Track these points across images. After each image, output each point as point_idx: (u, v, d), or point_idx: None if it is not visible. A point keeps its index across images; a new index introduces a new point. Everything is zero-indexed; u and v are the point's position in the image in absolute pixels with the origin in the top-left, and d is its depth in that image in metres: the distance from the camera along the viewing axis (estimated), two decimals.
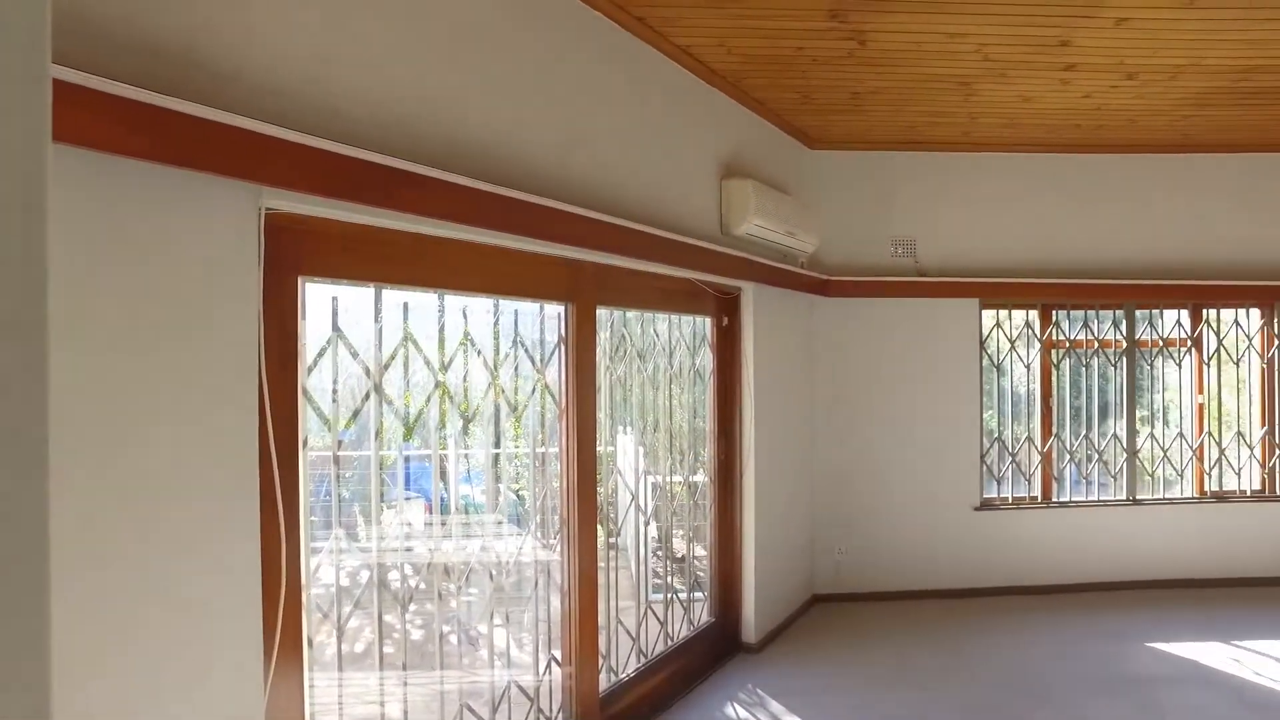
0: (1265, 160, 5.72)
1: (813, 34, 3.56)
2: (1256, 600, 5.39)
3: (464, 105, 2.57)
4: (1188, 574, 5.66)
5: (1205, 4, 3.33)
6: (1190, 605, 5.27)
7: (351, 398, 2.56)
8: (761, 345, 4.60)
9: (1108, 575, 5.60)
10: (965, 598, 5.45)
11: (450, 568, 3.20)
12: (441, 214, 2.34)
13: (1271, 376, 5.83)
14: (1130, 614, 5.10)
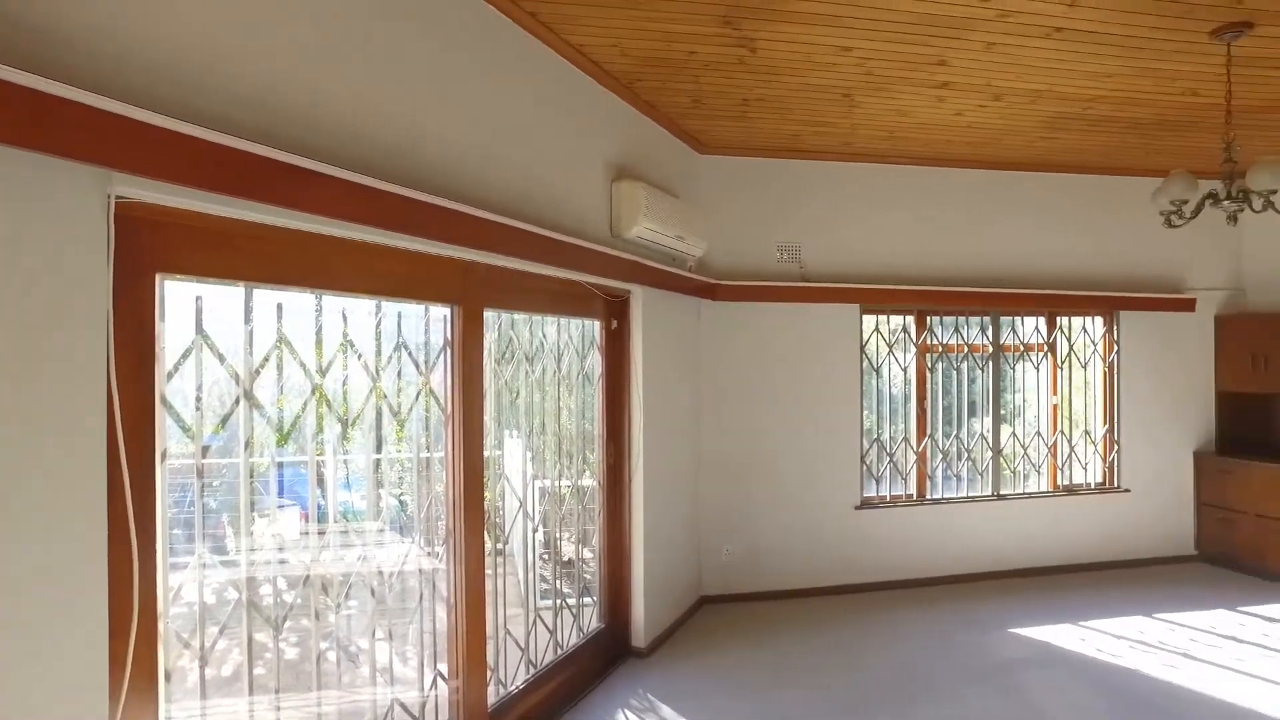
0: (1108, 182, 6.23)
1: (706, 39, 3.58)
2: (1099, 583, 5.85)
3: (348, 97, 2.42)
4: (1043, 562, 6.09)
5: (1062, 37, 3.57)
6: (1045, 591, 5.66)
7: (220, 404, 2.36)
8: (650, 348, 4.60)
9: (975, 566, 5.95)
10: (848, 594, 5.65)
11: (328, 580, 3.03)
12: (321, 210, 2.19)
13: (1112, 379, 6.35)
14: (995, 602, 5.42)
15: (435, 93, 2.82)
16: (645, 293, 4.50)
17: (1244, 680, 4.14)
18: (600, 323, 4.39)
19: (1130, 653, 4.51)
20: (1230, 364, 6.35)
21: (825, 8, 3.26)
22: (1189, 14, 3.37)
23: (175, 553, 2.33)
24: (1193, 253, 6.39)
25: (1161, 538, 6.38)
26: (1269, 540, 5.85)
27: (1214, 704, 3.87)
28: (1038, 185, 6.11)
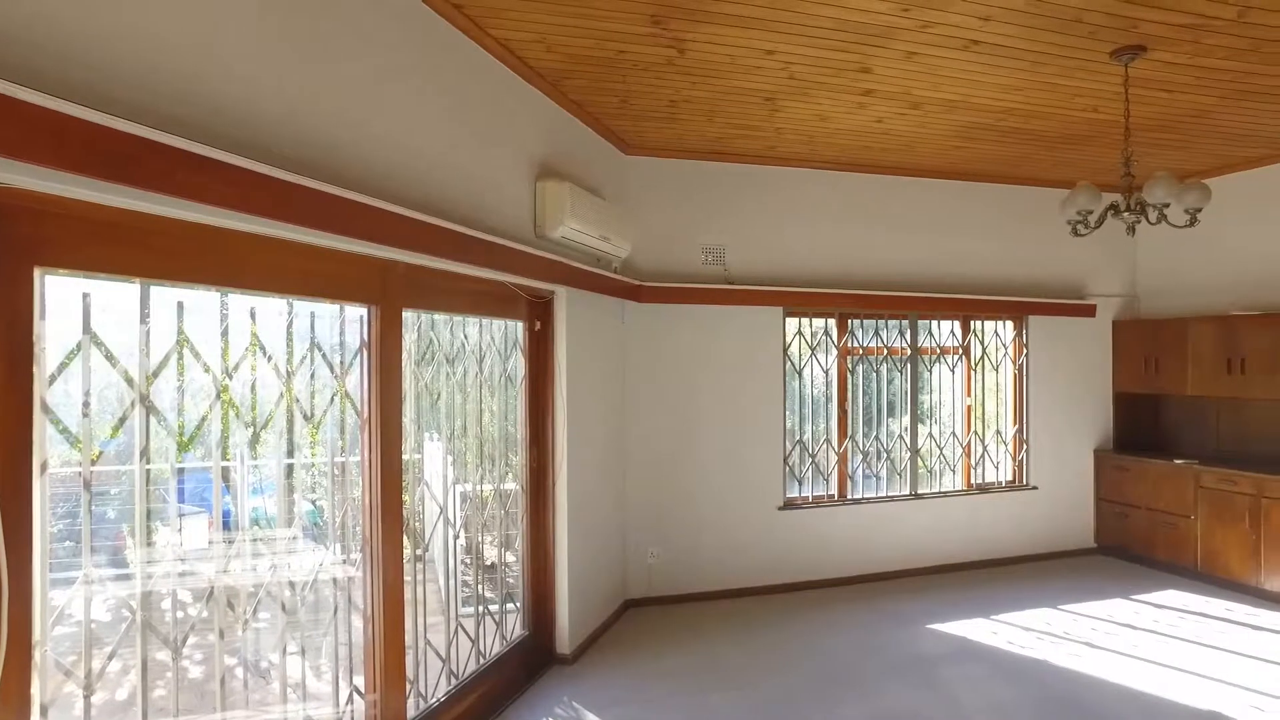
0: (1017, 191, 6.50)
1: (635, 39, 3.55)
2: (1009, 577, 6.07)
3: (257, 85, 2.28)
4: (958, 558, 6.29)
5: (977, 50, 3.68)
6: (960, 586, 5.84)
7: (118, 405, 2.20)
8: (574, 350, 4.54)
9: (895, 564, 6.09)
10: (772, 594, 5.70)
11: (237, 592, 2.86)
12: (226, 203, 2.04)
13: (1022, 381, 6.61)
14: (914, 598, 5.56)
15: (353, 84, 2.70)
16: (570, 294, 4.44)
17: (1139, 665, 4.35)
18: (523, 324, 4.30)
19: (1038, 644, 4.69)
20: (1126, 366, 6.70)
21: (752, 10, 3.27)
22: (1091, 35, 3.52)
23: (63, 568, 2.15)
24: (1093, 261, 6.71)
25: (1065, 532, 6.68)
26: (1159, 533, 6.18)
27: (1114, 689, 4.05)
28: (953, 193, 6.31)
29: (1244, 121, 4.87)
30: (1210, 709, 3.84)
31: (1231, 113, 4.69)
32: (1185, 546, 5.99)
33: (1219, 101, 4.47)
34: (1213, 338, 5.95)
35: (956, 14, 3.31)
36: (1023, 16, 3.33)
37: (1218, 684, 4.13)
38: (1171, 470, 6.08)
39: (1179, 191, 3.72)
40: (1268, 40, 3.60)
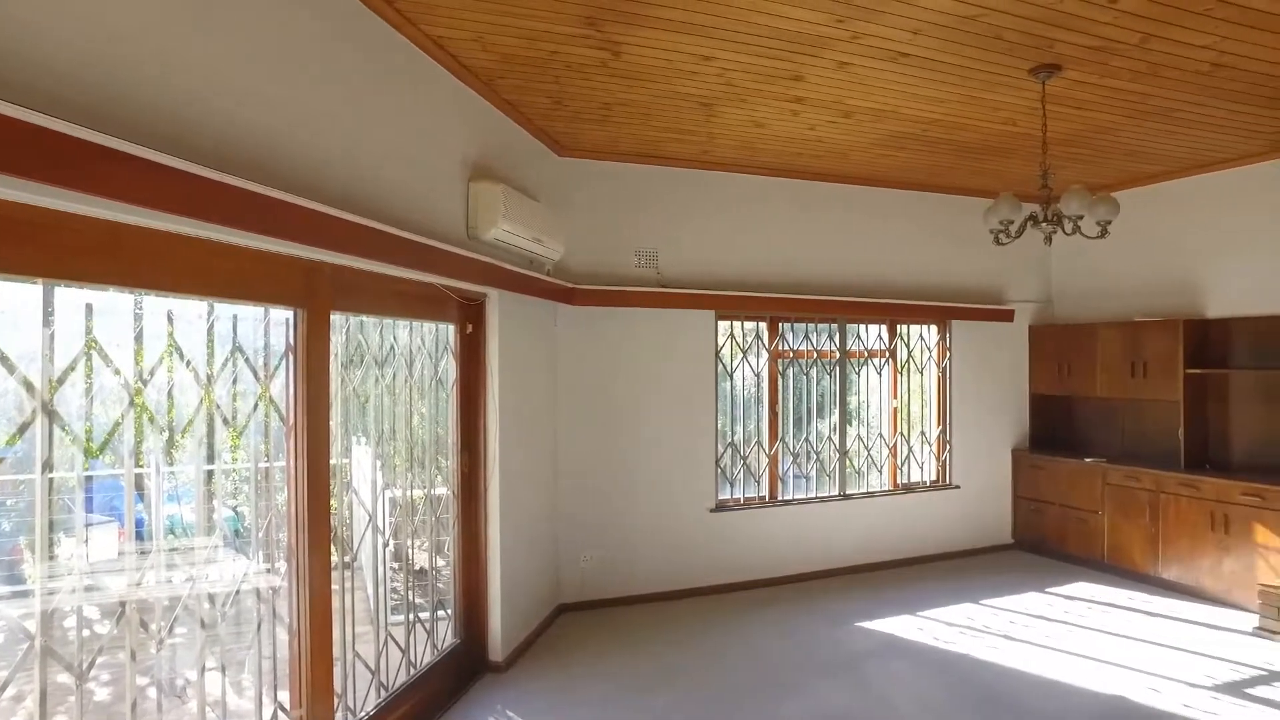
0: (942, 199, 6.71)
1: (569, 40, 3.52)
2: (934, 574, 6.26)
3: (177, 72, 2.16)
4: (885, 556, 6.45)
5: (906, 62, 3.78)
6: (887, 584, 5.99)
7: (17, 414, 2.05)
8: (507, 353, 4.47)
9: (825, 563, 6.21)
10: (705, 595, 5.74)
11: (151, 606, 2.71)
12: (137, 199, 1.93)
13: (945, 383, 6.83)
14: (843, 597, 5.68)
15: (280, 79, 2.59)
16: (502, 296, 4.38)
17: (1052, 655, 4.54)
18: (455, 326, 4.22)
19: (961, 638, 4.84)
20: (1041, 369, 7.00)
21: (689, 15, 3.28)
22: (1011, 52, 3.65)
23: None
24: (1011, 268, 6.98)
25: (985, 529, 6.93)
26: (1070, 528, 6.48)
27: (1029, 679, 4.21)
28: (881, 200, 6.48)
29: (1145, 140, 5.14)
30: (1115, 694, 4.04)
31: (1134, 131, 4.94)
32: (1094, 540, 6.29)
33: (1124, 120, 4.71)
34: (1119, 342, 6.26)
35: (887, 27, 3.38)
36: (949, 32, 3.43)
37: (1121, 669, 4.35)
38: (1082, 468, 6.38)
39: (1091, 204, 3.89)
40: (1164, 65, 3.81)
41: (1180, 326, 5.80)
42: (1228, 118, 4.67)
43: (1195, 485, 5.56)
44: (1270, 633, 4.83)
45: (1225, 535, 5.38)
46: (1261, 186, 5.50)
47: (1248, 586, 5.20)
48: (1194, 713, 3.85)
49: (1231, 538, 5.35)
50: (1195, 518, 5.56)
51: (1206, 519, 5.49)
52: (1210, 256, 5.96)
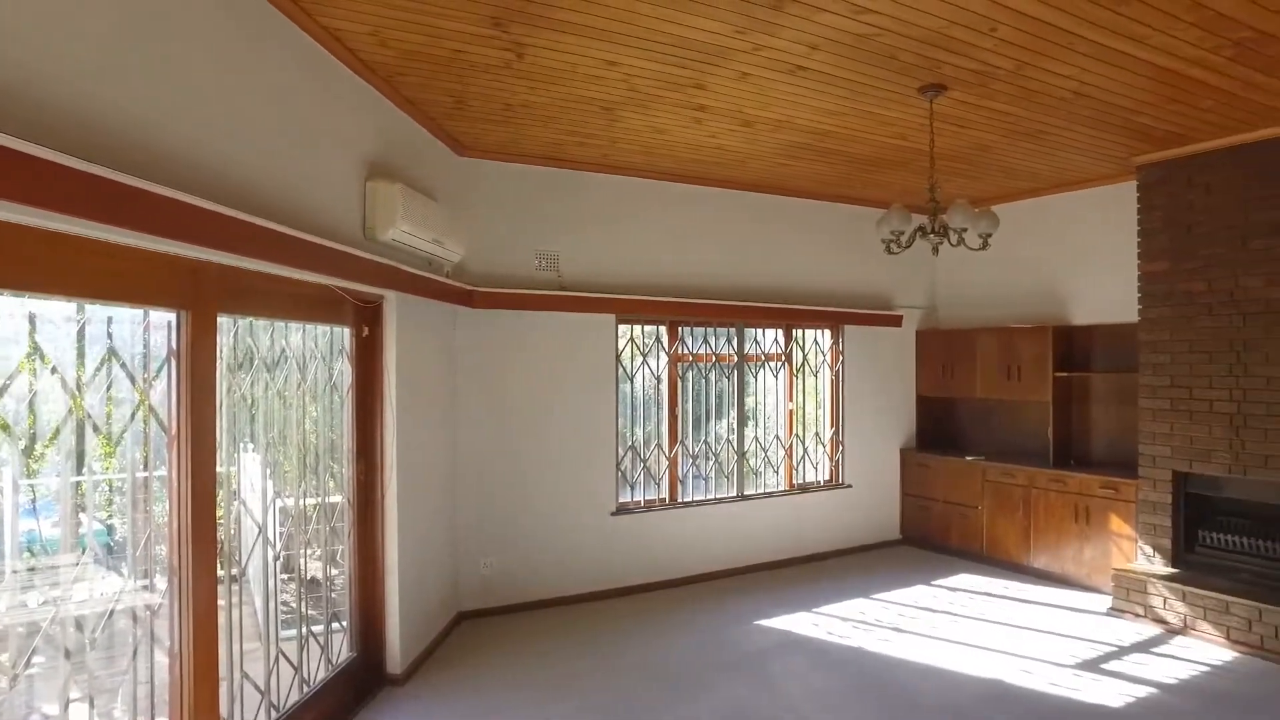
0: (836, 208, 6.96)
1: (473, 39, 3.45)
2: (828, 571, 6.49)
3: (43, 56, 1.98)
4: (782, 555, 6.63)
5: (803, 75, 3.90)
6: (784, 582, 6.16)
7: None
8: (404, 357, 4.35)
9: (724, 564, 6.33)
10: (608, 598, 5.74)
11: (3, 635, 2.49)
12: (5, 193, 1.76)
13: (838, 386, 7.08)
14: (742, 596, 5.80)
15: (160, 66, 2.42)
16: (400, 298, 4.25)
17: (937, 644, 4.78)
18: (350, 329, 4.06)
19: (854, 632, 5.03)
20: (927, 372, 7.36)
21: (594, 20, 3.28)
22: (902, 71, 3.83)
23: None
24: (899, 275, 7.32)
25: (876, 526, 7.23)
26: (953, 522, 6.84)
27: (917, 668, 4.42)
28: (779, 207, 6.66)
29: (1018, 158, 5.49)
30: (993, 678, 4.30)
31: (1009, 149, 5.27)
32: (974, 534, 6.66)
33: (1000, 139, 5.02)
34: (996, 347, 6.67)
35: (786, 41, 3.48)
36: (845, 49, 3.56)
37: (998, 654, 4.63)
38: (963, 466, 6.75)
39: (974, 218, 4.12)
40: (1036, 91, 4.09)
41: (1050, 333, 6.24)
42: (1087, 141, 5.05)
43: (1062, 480, 5.98)
44: (1121, 612, 5.25)
45: (1086, 525, 5.81)
46: (1114, 205, 5.96)
47: (1104, 571, 5.63)
48: (1060, 690, 4.14)
49: (1091, 528, 5.78)
50: (1062, 510, 5.98)
51: (1071, 511, 5.91)
52: (1073, 268, 6.41)
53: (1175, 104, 4.29)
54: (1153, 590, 5.12)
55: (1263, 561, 4.95)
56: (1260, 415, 4.81)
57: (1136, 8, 3.13)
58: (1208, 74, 3.85)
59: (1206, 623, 4.85)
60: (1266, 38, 3.43)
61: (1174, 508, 5.25)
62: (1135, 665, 4.48)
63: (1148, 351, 5.37)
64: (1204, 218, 5.07)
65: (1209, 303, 5.05)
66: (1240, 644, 4.69)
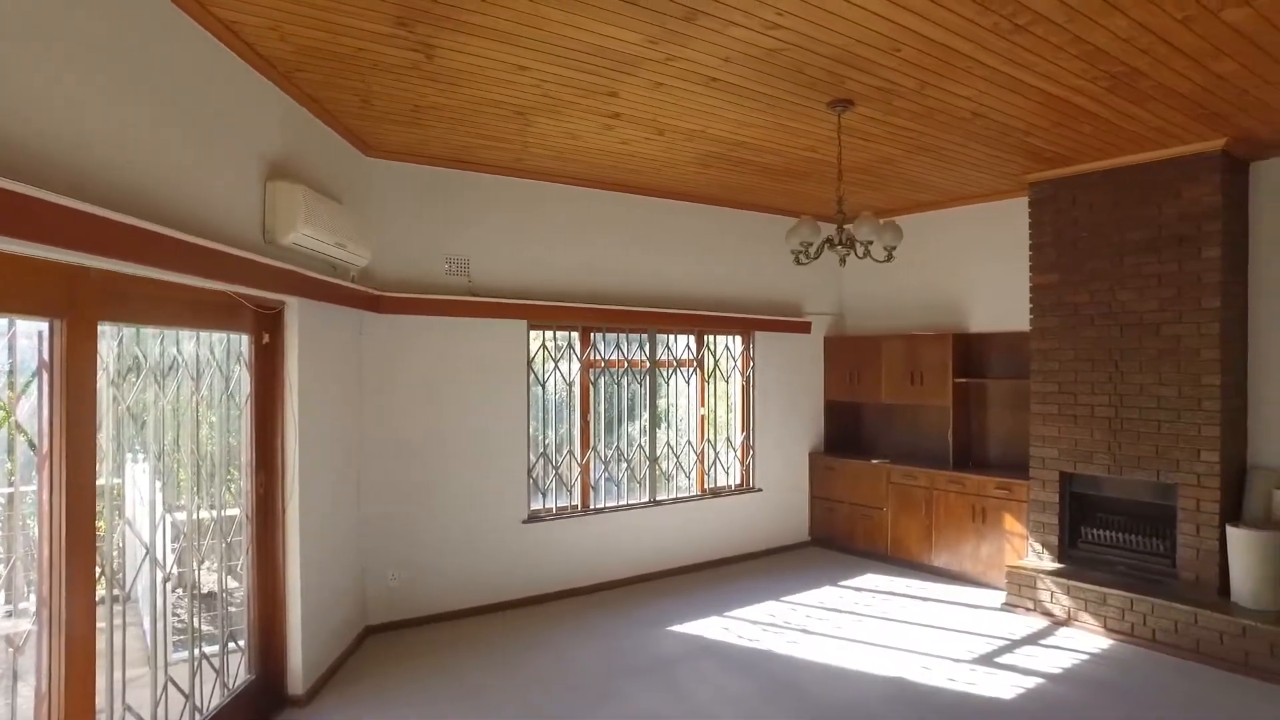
0: (748, 216, 7.08)
1: (378, 38, 3.34)
2: (739, 574, 6.58)
3: None
4: (694, 559, 6.69)
5: (717, 87, 3.94)
6: (696, 586, 6.21)
7: None
8: (308, 364, 4.18)
9: (637, 569, 6.34)
10: (519, 608, 5.67)
11: None
12: None
13: (749, 391, 7.20)
14: (654, 602, 5.82)
15: (30, 56, 2.24)
16: (302, 304, 4.08)
17: (843, 644, 4.92)
18: (249, 336, 3.88)
19: (764, 635, 5.12)
20: (835, 378, 7.57)
21: (505, 25, 3.22)
22: (812, 86, 3.92)
23: None
24: (808, 282, 7.50)
25: (786, 528, 7.38)
26: (859, 524, 7.06)
27: (824, 669, 4.53)
28: (692, 215, 6.72)
29: (921, 172, 5.71)
30: (895, 675, 4.44)
31: (912, 163, 5.47)
32: (879, 534, 6.88)
33: (904, 153, 5.20)
34: (900, 353, 6.91)
35: (699, 53, 3.51)
36: (757, 63, 3.62)
37: (900, 652, 4.79)
38: (869, 469, 6.96)
39: (879, 231, 4.25)
40: (936, 109, 4.26)
41: (950, 340, 6.51)
42: (984, 158, 5.29)
43: (961, 482, 6.25)
44: (1014, 606, 5.53)
45: (982, 524, 6.09)
46: (1008, 220, 6.27)
47: (999, 568, 5.91)
48: (957, 685, 4.31)
49: (987, 526, 6.06)
50: (960, 510, 6.24)
51: (969, 511, 6.18)
52: (971, 278, 6.71)
53: (1061, 127, 4.55)
54: (1041, 585, 5.40)
55: (1134, 555, 5.30)
56: (1134, 419, 5.15)
57: (1028, 38, 3.30)
58: (1088, 101, 4.09)
59: (1087, 614, 5.16)
60: (1137, 73, 3.69)
61: (1060, 507, 5.57)
62: (1025, 658, 4.71)
63: (1038, 359, 5.67)
64: (1087, 234, 5.39)
65: (1091, 314, 5.37)
66: (1115, 632, 5.01)
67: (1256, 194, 5.14)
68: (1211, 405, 4.84)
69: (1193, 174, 4.90)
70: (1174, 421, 4.99)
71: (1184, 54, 3.48)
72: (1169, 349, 5.01)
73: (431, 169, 5.38)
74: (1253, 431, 5.14)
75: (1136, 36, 3.29)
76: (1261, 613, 4.57)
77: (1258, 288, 5.12)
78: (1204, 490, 4.88)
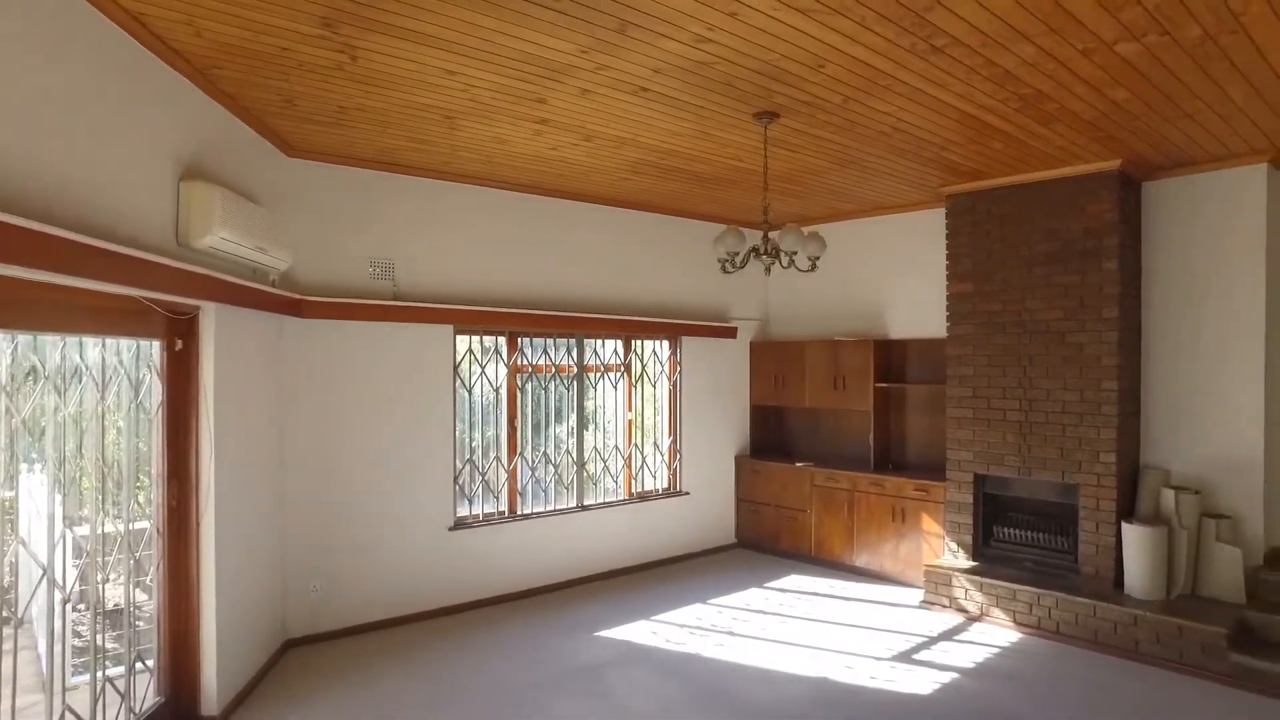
0: (676, 222, 7.15)
1: (301, 38, 3.25)
2: (667, 578, 6.64)
3: None
4: (622, 563, 6.72)
5: (646, 96, 3.98)
6: (624, 591, 6.24)
7: None
8: (225, 371, 4.03)
9: (565, 575, 6.32)
10: (446, 616, 5.59)
11: None
12: None
13: (676, 396, 7.27)
14: (582, 607, 5.81)
15: None
16: (219, 310, 3.93)
17: (770, 646, 5.01)
18: (161, 342, 3.71)
19: (691, 639, 5.17)
20: (760, 382, 7.71)
21: (433, 29, 3.18)
22: (740, 98, 3.99)
23: None
24: (734, 288, 7.62)
25: (712, 531, 7.48)
26: (784, 526, 7.21)
27: (750, 671, 4.61)
28: (620, 220, 6.75)
29: (844, 183, 5.88)
30: (819, 675, 4.56)
31: (836, 175, 5.63)
32: (803, 536, 7.04)
33: (828, 165, 5.35)
34: (823, 358, 7.09)
35: (629, 63, 3.53)
36: (686, 74, 3.67)
37: (824, 652, 4.92)
38: (793, 472, 7.12)
39: (803, 241, 4.36)
40: (859, 123, 4.40)
41: (871, 346, 6.71)
42: (904, 171, 5.48)
43: (881, 484, 6.45)
44: (931, 604, 5.74)
45: (902, 525, 6.30)
46: (927, 230, 6.51)
47: (917, 567, 6.13)
48: (878, 682, 4.45)
49: (906, 526, 6.27)
50: (881, 512, 6.44)
51: (889, 512, 6.38)
52: (893, 286, 6.94)
53: (975, 144, 4.75)
54: (956, 583, 5.63)
55: (1041, 552, 5.59)
56: (1041, 423, 5.42)
57: (944, 60, 3.44)
58: (999, 120, 4.29)
59: (999, 609, 5.40)
60: (1043, 96, 3.91)
61: (974, 507, 5.81)
62: (941, 653, 4.90)
63: (954, 365, 5.90)
64: (999, 245, 5.64)
65: (1003, 322, 5.62)
66: (1024, 625, 5.26)
67: (1148, 212, 5.47)
68: (1110, 410, 5.13)
69: (1093, 191, 5.18)
70: (1077, 425, 5.27)
71: (1084, 81, 3.69)
72: (1073, 356, 5.29)
73: (357, 171, 5.25)
74: (1145, 434, 5.47)
75: (1043, 63, 3.48)
76: (1150, 603, 4.88)
77: (1149, 299, 5.46)
78: (1102, 490, 5.17)
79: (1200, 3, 2.93)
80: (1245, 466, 5.08)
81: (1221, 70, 3.58)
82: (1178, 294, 5.34)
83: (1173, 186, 5.37)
